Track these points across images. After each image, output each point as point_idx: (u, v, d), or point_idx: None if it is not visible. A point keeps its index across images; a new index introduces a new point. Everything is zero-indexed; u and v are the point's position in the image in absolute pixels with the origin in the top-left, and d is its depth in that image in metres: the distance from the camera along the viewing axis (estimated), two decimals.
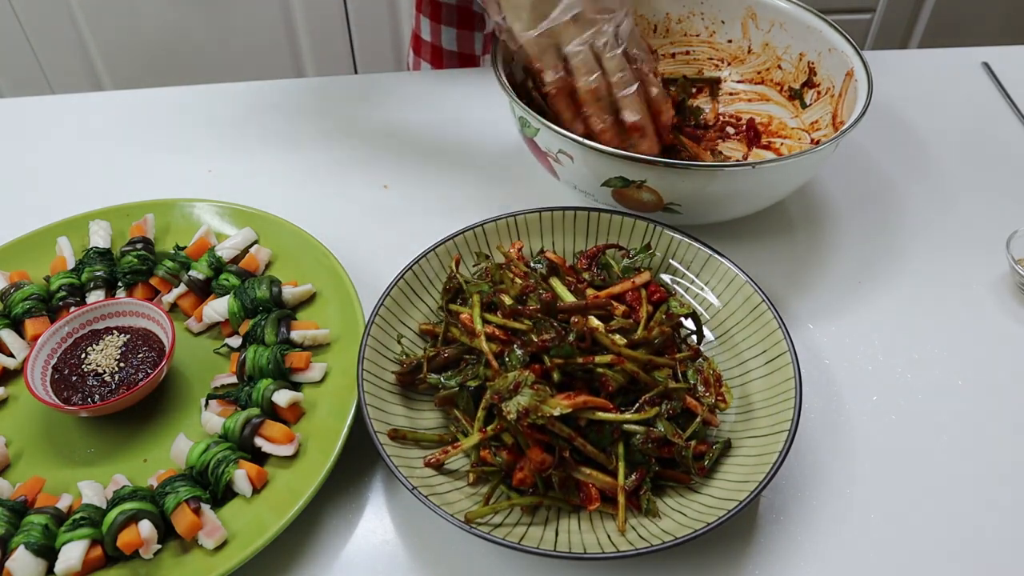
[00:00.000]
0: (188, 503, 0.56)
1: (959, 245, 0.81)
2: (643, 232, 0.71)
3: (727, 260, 0.68)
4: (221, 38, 1.90)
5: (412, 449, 0.59)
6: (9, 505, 0.57)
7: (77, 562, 0.54)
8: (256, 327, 0.68)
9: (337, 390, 0.64)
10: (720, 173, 0.68)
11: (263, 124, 0.94)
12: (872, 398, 0.68)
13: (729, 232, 0.80)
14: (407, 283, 0.67)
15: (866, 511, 0.60)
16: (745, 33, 0.91)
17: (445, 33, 1.13)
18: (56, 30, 1.86)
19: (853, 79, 0.78)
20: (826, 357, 0.70)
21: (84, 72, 1.94)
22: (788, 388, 0.60)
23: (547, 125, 0.70)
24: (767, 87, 0.90)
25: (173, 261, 0.73)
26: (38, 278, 0.73)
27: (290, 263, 0.75)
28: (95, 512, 0.56)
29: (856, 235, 0.82)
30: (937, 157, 0.91)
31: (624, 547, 0.53)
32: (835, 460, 0.63)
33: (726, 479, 0.58)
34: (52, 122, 0.96)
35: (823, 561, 0.58)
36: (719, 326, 0.68)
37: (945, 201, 0.86)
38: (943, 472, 0.63)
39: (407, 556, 0.58)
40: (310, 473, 0.58)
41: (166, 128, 0.94)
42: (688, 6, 0.92)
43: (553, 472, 0.56)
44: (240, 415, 0.61)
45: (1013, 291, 0.76)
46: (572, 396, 0.56)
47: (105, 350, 0.66)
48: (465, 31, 1.13)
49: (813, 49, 0.85)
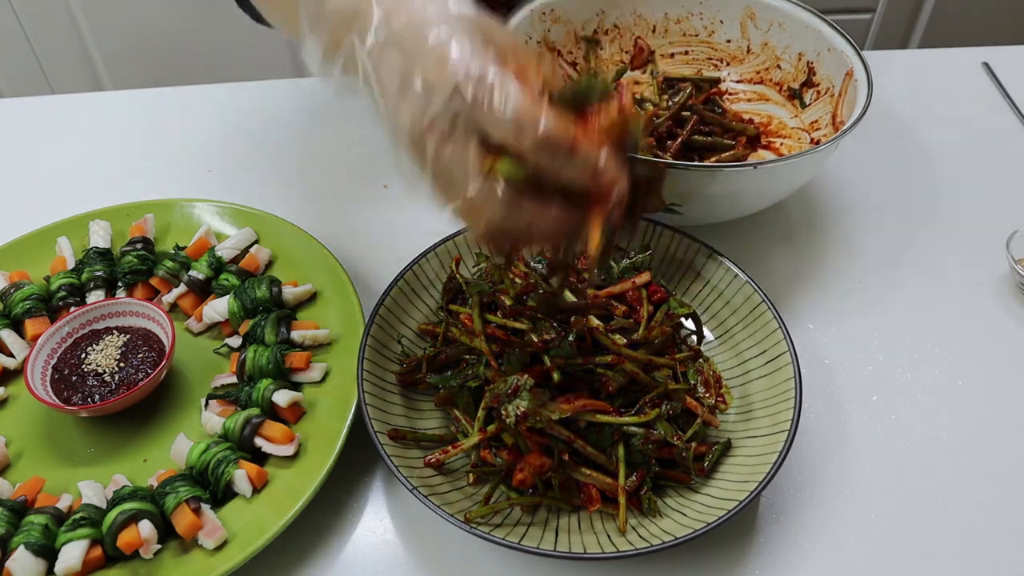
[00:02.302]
0: (188, 503, 0.56)
1: (959, 245, 0.81)
2: (643, 232, 0.71)
3: (727, 260, 0.68)
4: (221, 38, 1.90)
5: (412, 449, 0.59)
6: (9, 505, 0.57)
7: (77, 562, 0.54)
8: (256, 327, 0.68)
9: (337, 390, 0.64)
10: (721, 174, 0.67)
11: (263, 124, 0.94)
12: (872, 398, 0.68)
13: (729, 232, 0.80)
14: (407, 283, 0.67)
15: (866, 511, 0.60)
16: (744, 33, 0.91)
17: None
18: (56, 30, 1.86)
19: (853, 79, 0.78)
20: (826, 357, 0.70)
21: (84, 72, 1.94)
22: (788, 388, 0.60)
23: None
24: (766, 87, 0.90)
25: (173, 261, 0.73)
26: (38, 278, 0.73)
27: (290, 263, 0.75)
28: (95, 512, 0.56)
29: (856, 235, 0.82)
30: (937, 157, 0.91)
31: (624, 547, 0.53)
32: (835, 460, 0.63)
33: (726, 479, 0.58)
34: (52, 122, 0.95)
35: (823, 561, 0.58)
36: (719, 326, 0.68)
37: (945, 201, 0.86)
38: (943, 472, 0.63)
39: (407, 556, 0.58)
40: (310, 473, 0.58)
41: (166, 128, 0.94)
42: (687, 6, 0.92)
43: (553, 475, 0.56)
44: (240, 415, 0.61)
45: (1013, 291, 0.76)
46: (571, 399, 0.56)
47: (105, 350, 0.66)
48: None
49: (812, 49, 0.85)
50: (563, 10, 0.88)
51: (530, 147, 0.46)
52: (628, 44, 0.93)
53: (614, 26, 0.92)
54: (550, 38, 0.88)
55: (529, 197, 0.48)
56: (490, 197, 0.48)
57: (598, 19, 0.91)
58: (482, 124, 0.47)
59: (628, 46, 0.93)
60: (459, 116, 0.47)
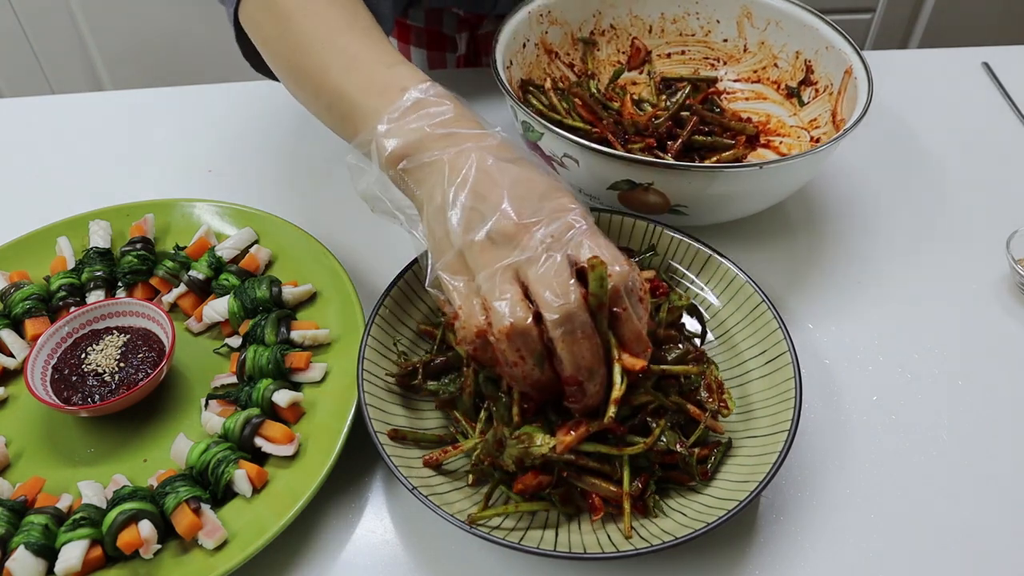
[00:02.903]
0: (188, 503, 0.56)
1: (959, 245, 0.81)
2: (644, 233, 0.71)
3: (727, 260, 0.68)
4: (221, 38, 1.90)
5: (412, 449, 0.59)
6: (9, 505, 0.57)
7: (77, 562, 0.53)
8: (256, 327, 0.68)
9: (337, 390, 0.64)
10: (727, 174, 0.67)
11: (263, 124, 0.94)
12: (872, 398, 0.68)
13: (729, 232, 0.80)
14: (407, 283, 0.67)
15: (866, 511, 0.60)
16: (741, 32, 0.91)
17: (416, 54, 1.10)
18: (56, 30, 1.86)
19: (852, 76, 0.78)
20: (826, 357, 0.70)
21: (84, 72, 1.94)
22: (788, 388, 0.60)
23: (551, 129, 0.70)
24: (764, 85, 0.90)
25: (173, 261, 0.73)
26: (38, 278, 0.73)
27: (290, 263, 0.75)
28: (95, 512, 0.56)
29: (856, 235, 0.82)
30: (937, 157, 0.91)
31: (624, 547, 0.53)
32: (835, 460, 0.63)
33: (726, 479, 0.58)
34: (52, 122, 0.95)
35: (823, 561, 0.58)
36: (719, 326, 0.68)
37: (945, 201, 0.86)
38: (943, 472, 0.63)
39: (407, 556, 0.58)
40: (310, 473, 0.58)
41: (166, 128, 0.94)
42: (683, 6, 0.92)
43: (553, 492, 0.56)
44: (240, 415, 0.61)
45: (1013, 291, 0.76)
46: (572, 428, 0.54)
47: (105, 350, 0.66)
48: (436, 53, 1.09)
49: (810, 47, 0.85)
50: (560, 12, 0.88)
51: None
52: (625, 45, 0.93)
53: (610, 27, 0.92)
54: (547, 40, 0.88)
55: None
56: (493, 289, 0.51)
57: (594, 20, 0.91)
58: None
59: (625, 47, 0.93)
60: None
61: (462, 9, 0.97)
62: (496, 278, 0.50)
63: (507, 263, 0.50)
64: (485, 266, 0.51)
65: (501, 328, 0.50)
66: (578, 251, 0.51)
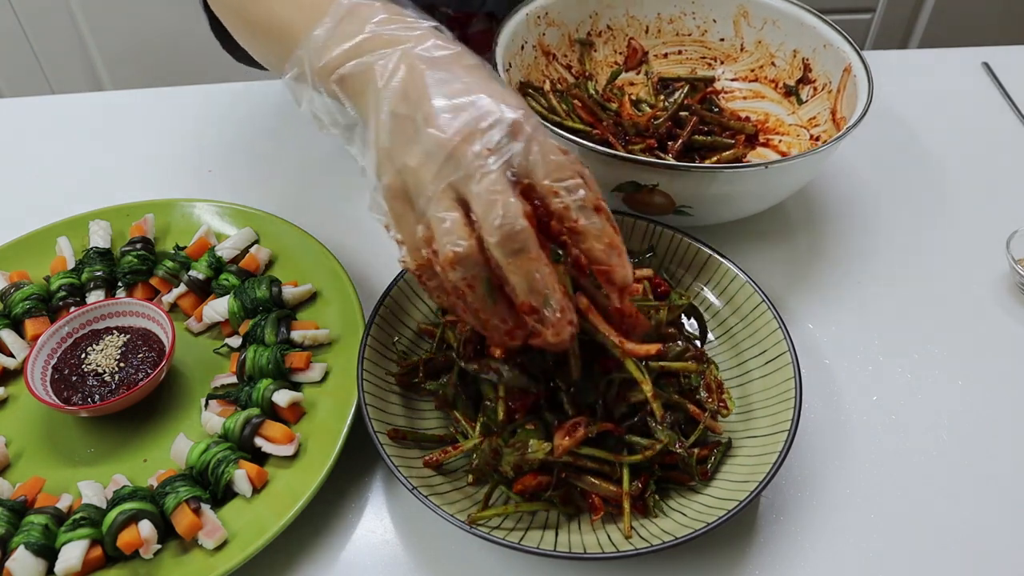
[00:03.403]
0: (188, 503, 0.56)
1: (959, 245, 0.81)
2: (644, 233, 0.71)
3: (727, 260, 0.68)
4: None
5: (412, 449, 0.59)
6: (9, 505, 0.57)
7: (77, 562, 0.54)
8: (256, 327, 0.68)
9: (337, 390, 0.64)
10: (732, 174, 0.67)
11: (263, 124, 0.94)
12: (872, 398, 0.68)
13: (729, 232, 0.80)
14: (407, 283, 0.67)
15: (866, 511, 0.60)
16: (737, 31, 0.91)
17: None
18: (56, 30, 1.85)
19: (851, 74, 0.78)
20: (826, 357, 0.70)
21: (84, 72, 1.94)
22: (788, 388, 0.60)
23: (552, 130, 0.70)
24: (762, 84, 0.90)
25: (173, 261, 0.73)
26: (38, 278, 0.73)
27: (290, 263, 0.75)
28: (95, 512, 0.56)
29: (856, 235, 0.82)
30: (937, 157, 0.91)
31: (624, 547, 0.53)
32: (835, 460, 0.63)
33: (726, 479, 0.58)
34: (52, 122, 0.95)
35: (823, 561, 0.58)
36: (719, 326, 0.68)
37: (945, 201, 0.86)
38: (943, 472, 0.63)
39: (407, 556, 0.58)
40: (310, 473, 0.58)
41: (166, 128, 0.94)
42: (679, 6, 0.92)
43: (553, 493, 0.56)
44: (240, 415, 0.61)
45: (1013, 291, 0.76)
46: (570, 430, 0.54)
47: (105, 350, 0.66)
48: None
49: (807, 46, 0.85)
50: (557, 13, 0.88)
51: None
52: (622, 45, 0.93)
53: (607, 28, 0.92)
54: (545, 42, 0.88)
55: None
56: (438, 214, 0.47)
57: (591, 21, 0.91)
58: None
59: (622, 47, 0.93)
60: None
61: (451, 8, 0.97)
62: (434, 201, 0.47)
63: (446, 182, 0.46)
64: (424, 185, 0.47)
65: (445, 256, 0.46)
66: (519, 161, 0.46)
